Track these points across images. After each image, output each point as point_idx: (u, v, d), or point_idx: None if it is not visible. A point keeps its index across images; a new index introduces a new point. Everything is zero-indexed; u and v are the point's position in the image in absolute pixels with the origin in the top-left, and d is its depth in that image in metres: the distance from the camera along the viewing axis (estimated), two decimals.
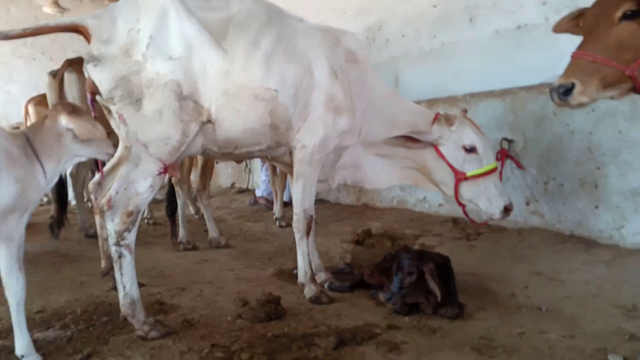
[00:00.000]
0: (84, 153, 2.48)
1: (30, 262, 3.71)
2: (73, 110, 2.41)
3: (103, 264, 3.30)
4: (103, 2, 10.38)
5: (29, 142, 2.30)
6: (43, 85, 9.31)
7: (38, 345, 2.40)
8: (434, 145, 3.26)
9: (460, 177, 3.21)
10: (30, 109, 5.87)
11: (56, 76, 4.66)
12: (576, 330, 2.50)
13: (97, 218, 3.14)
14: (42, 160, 2.31)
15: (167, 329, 2.55)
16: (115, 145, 2.67)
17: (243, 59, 2.73)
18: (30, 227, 2.87)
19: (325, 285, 3.24)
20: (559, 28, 2.57)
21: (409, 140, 3.21)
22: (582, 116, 3.75)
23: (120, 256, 2.53)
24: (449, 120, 3.21)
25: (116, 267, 2.55)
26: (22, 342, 2.24)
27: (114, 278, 2.69)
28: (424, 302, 2.72)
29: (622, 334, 2.42)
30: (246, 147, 2.92)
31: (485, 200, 3.20)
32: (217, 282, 3.42)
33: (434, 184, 3.39)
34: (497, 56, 4.71)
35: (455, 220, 4.68)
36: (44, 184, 2.34)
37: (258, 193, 6.97)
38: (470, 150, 3.20)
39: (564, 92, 2.16)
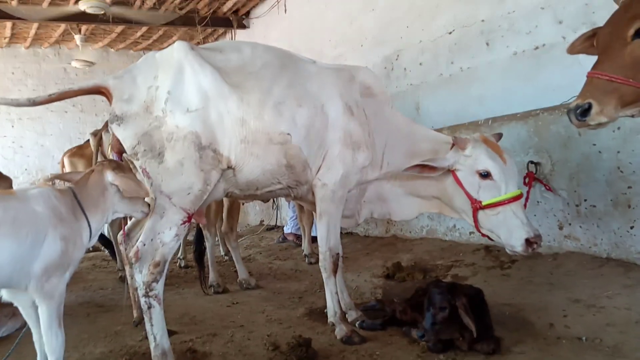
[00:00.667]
0: (123, 209, 2.57)
1: (66, 314, 3.80)
2: (118, 167, 2.54)
3: (135, 313, 3.34)
4: (128, 53, 10.82)
5: (75, 197, 2.40)
6: (75, 137, 9.76)
7: None
8: (452, 171, 3.09)
9: (476, 206, 2.98)
10: (66, 161, 6.08)
11: (96, 135, 4.95)
12: None
13: (127, 269, 3.21)
14: (88, 216, 2.39)
15: None
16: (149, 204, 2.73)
17: (257, 107, 2.81)
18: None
19: (357, 324, 3.20)
20: (573, 50, 2.56)
21: (425, 169, 3.04)
22: (608, 135, 3.67)
23: (149, 307, 2.59)
24: (461, 144, 3.03)
25: (146, 318, 2.61)
26: None
27: (144, 330, 2.74)
28: (458, 337, 2.65)
29: None
30: (267, 187, 3.00)
31: (506, 231, 2.91)
32: (248, 326, 3.42)
33: (457, 212, 3.21)
34: (517, 78, 4.68)
35: (487, 249, 4.57)
36: (87, 240, 2.41)
37: (286, 230, 6.99)
38: (485, 175, 2.97)
39: (582, 112, 2.13)
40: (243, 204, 5.24)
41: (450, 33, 5.43)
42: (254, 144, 2.80)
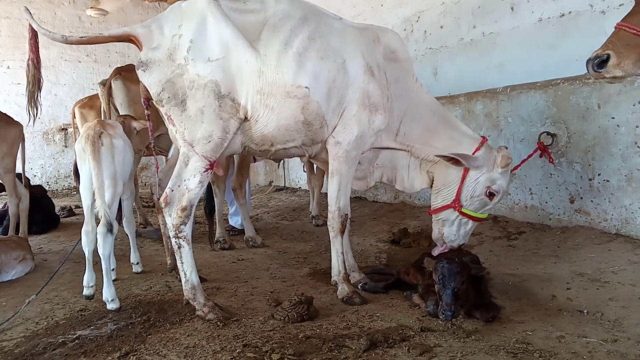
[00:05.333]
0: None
1: (75, 261, 3.88)
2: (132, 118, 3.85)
3: (169, 260, 3.43)
4: (143, 3, 10.65)
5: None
6: (88, 87, 9.74)
7: (80, 343, 2.50)
8: (465, 168, 3.18)
9: (455, 207, 3.21)
10: (77, 111, 6.10)
11: (105, 85, 5.02)
12: (618, 334, 2.39)
13: (160, 217, 3.31)
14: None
15: (224, 314, 2.76)
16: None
17: (275, 58, 2.80)
18: (76, 226, 3.00)
19: (359, 286, 3.22)
20: None
21: (451, 160, 3.13)
22: (627, 108, 3.57)
23: (179, 247, 2.81)
24: (505, 160, 3.14)
25: (177, 257, 2.84)
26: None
27: (178, 274, 2.97)
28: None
29: None
30: (281, 143, 3.00)
31: (455, 232, 3.26)
32: (251, 282, 3.47)
33: (435, 190, 3.34)
34: (540, 45, 4.55)
35: (495, 219, 4.55)
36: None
37: (231, 222, 5.53)
38: (490, 195, 3.20)
39: (599, 63, 2.07)
40: (255, 160, 5.18)
41: None
42: (269, 96, 2.80)
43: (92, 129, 3.07)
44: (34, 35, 2.92)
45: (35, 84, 3.03)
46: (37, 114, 3.07)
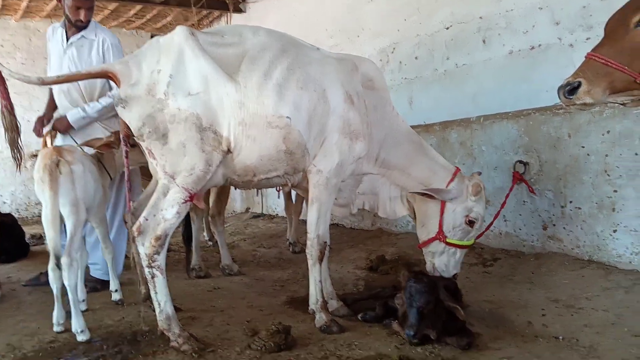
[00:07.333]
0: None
1: (44, 291, 3.76)
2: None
3: (143, 289, 3.35)
4: (121, 31, 10.65)
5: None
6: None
7: None
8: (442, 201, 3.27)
9: (440, 238, 3.28)
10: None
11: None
12: None
13: (133, 246, 3.21)
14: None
15: (200, 344, 2.70)
16: None
17: (256, 89, 2.83)
18: (46, 255, 2.94)
19: (360, 317, 3.17)
20: None
21: (426, 196, 3.24)
22: (597, 138, 3.68)
23: (153, 276, 2.77)
24: (475, 189, 3.24)
25: (151, 287, 2.79)
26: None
27: (151, 303, 2.88)
28: (428, 327, 2.66)
29: None
30: (264, 173, 2.99)
31: (445, 262, 3.32)
32: (228, 311, 3.40)
33: (419, 223, 3.42)
34: (511, 77, 4.68)
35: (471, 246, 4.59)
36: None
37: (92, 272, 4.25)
38: (470, 223, 3.28)
39: (570, 90, 2.14)
40: (236, 188, 5.14)
41: (447, 28, 5.41)
42: (251, 126, 2.80)
43: (49, 157, 2.96)
44: (2, 81, 2.86)
45: (14, 130, 3.01)
46: (22, 159, 3.05)
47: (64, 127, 4.01)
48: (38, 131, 4.19)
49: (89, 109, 3.94)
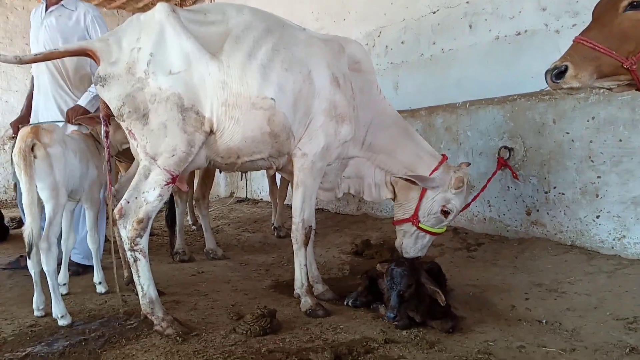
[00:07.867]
0: None
1: (25, 274, 3.69)
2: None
3: (126, 273, 3.34)
4: (101, 10, 10.40)
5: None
6: None
7: None
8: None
9: (413, 222, 3.31)
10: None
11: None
12: (577, 344, 2.45)
13: (114, 229, 3.14)
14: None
15: (184, 328, 2.66)
16: None
17: (239, 69, 2.76)
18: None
19: (349, 303, 3.13)
20: None
21: (409, 181, 3.24)
22: (582, 124, 3.71)
23: (135, 260, 2.70)
24: (457, 183, 3.25)
25: (133, 270, 2.72)
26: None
27: (134, 287, 2.84)
28: (413, 310, 2.67)
29: (623, 347, 2.37)
30: (248, 156, 2.95)
31: (412, 244, 3.35)
32: (212, 295, 3.38)
33: (397, 203, 3.44)
34: (497, 62, 4.68)
35: (455, 230, 4.62)
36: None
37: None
38: (445, 213, 3.30)
39: (557, 74, 2.13)
40: (220, 172, 5.10)
41: (434, 13, 5.37)
42: (234, 107, 2.75)
43: (23, 140, 2.80)
44: None
45: None
46: None
47: (80, 114, 3.76)
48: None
49: (94, 88, 3.82)
